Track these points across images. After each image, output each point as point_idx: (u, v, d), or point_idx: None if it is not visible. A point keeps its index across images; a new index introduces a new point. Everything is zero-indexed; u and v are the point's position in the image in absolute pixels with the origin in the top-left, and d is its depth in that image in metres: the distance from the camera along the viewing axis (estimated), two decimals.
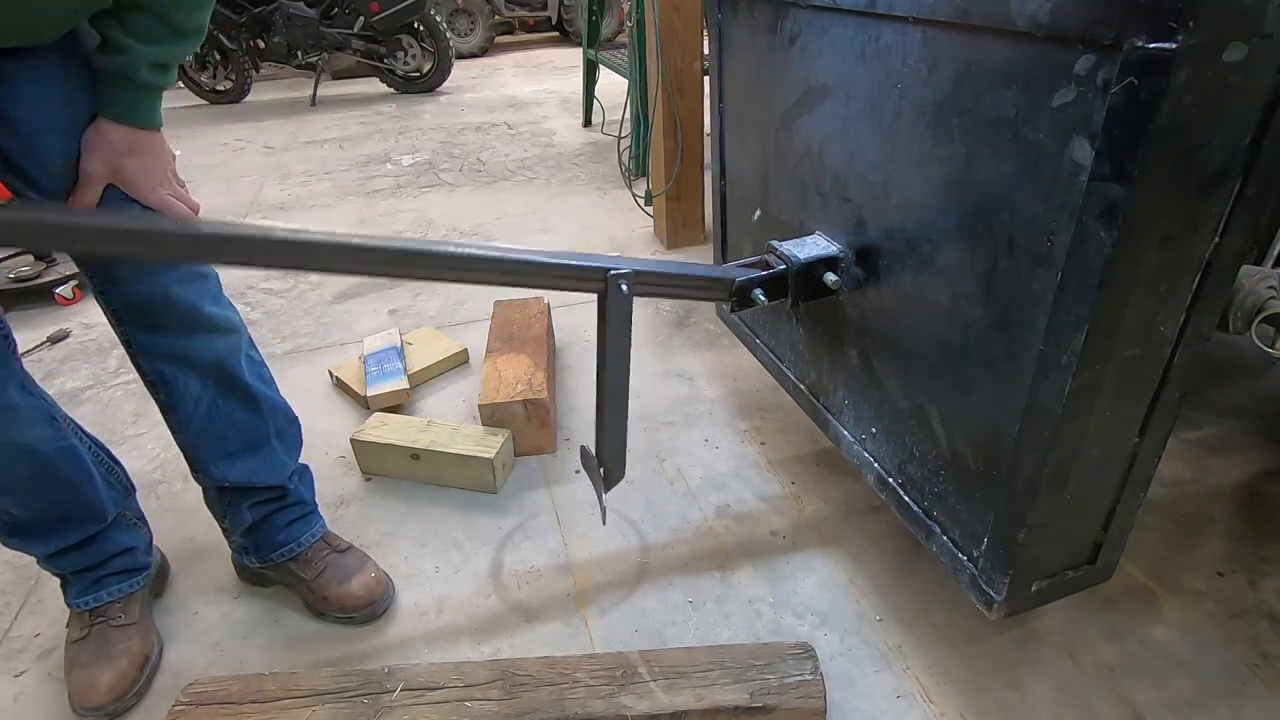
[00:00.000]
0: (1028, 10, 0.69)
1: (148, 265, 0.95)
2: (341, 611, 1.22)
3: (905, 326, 1.03)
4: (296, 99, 5.51)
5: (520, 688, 1.01)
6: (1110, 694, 1.06)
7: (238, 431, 1.13)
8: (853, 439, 1.24)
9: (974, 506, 0.96)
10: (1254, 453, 1.50)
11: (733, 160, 1.52)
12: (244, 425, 1.13)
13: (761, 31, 1.25)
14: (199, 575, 1.34)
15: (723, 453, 1.59)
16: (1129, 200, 0.64)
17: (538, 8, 7.96)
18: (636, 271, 0.98)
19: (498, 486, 1.51)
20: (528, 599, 1.27)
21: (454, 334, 2.08)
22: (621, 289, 0.96)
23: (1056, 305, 0.74)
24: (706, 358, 1.95)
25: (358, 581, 1.23)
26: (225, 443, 1.12)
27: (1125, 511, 0.93)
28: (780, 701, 0.99)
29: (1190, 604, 1.19)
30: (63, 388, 1.95)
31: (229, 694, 1.02)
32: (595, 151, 3.84)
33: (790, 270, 1.16)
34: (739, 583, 1.27)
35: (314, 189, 3.50)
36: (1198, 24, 0.56)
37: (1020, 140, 0.76)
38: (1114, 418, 0.82)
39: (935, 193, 0.91)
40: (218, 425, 1.11)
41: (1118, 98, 0.62)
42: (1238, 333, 1.11)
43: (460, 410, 1.78)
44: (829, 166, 1.14)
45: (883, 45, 0.94)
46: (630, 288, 0.97)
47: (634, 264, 0.99)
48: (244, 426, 1.13)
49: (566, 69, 6.35)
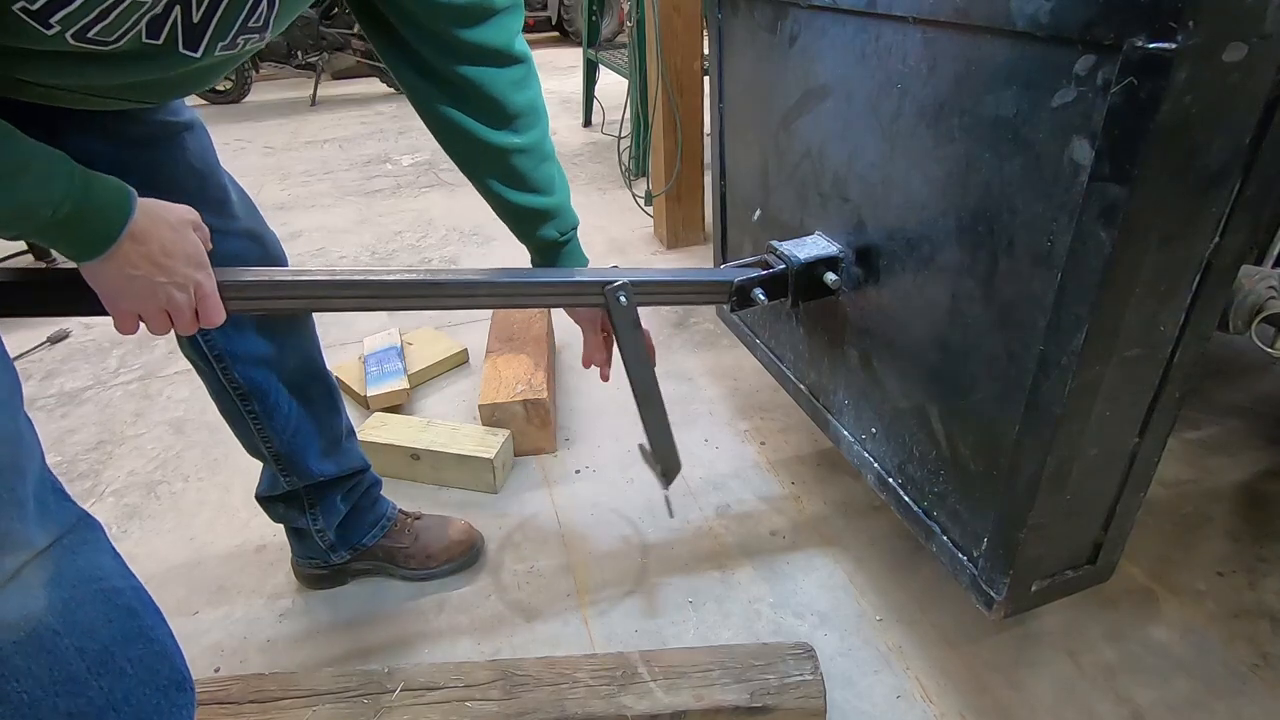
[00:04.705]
0: (1028, 10, 0.69)
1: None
2: (449, 560, 1.30)
3: (905, 326, 1.03)
4: (296, 99, 5.51)
5: (520, 688, 1.01)
6: (1110, 694, 1.06)
7: (325, 423, 1.14)
8: (853, 439, 1.24)
9: (974, 506, 0.96)
10: (1254, 453, 1.50)
11: (733, 160, 1.52)
12: (329, 415, 1.15)
13: (761, 31, 1.25)
14: (199, 575, 1.34)
15: (723, 453, 1.59)
16: (1129, 200, 0.64)
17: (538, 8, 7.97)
18: (634, 282, 0.99)
19: (498, 486, 1.51)
20: (528, 599, 1.27)
21: (454, 334, 2.08)
22: (621, 300, 0.98)
23: (1056, 305, 0.74)
24: (706, 358, 1.95)
25: (454, 530, 1.32)
26: (318, 436, 1.13)
27: (1125, 511, 0.93)
28: (780, 701, 0.99)
29: (1190, 604, 1.19)
30: (63, 388, 1.95)
31: (229, 694, 1.02)
32: (595, 151, 3.84)
33: (790, 270, 1.15)
34: (739, 583, 1.27)
35: (314, 189, 3.50)
36: (1198, 24, 0.56)
37: (1020, 140, 0.76)
38: (1114, 418, 0.82)
39: (935, 193, 0.91)
40: (310, 421, 1.12)
41: (1118, 98, 0.62)
42: (1238, 333, 1.11)
43: (460, 410, 1.78)
44: (829, 166, 1.14)
45: (883, 45, 0.94)
46: (629, 298, 0.99)
47: (631, 274, 1.00)
48: (329, 416, 1.15)
49: (566, 69, 6.34)
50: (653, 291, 1.05)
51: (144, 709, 0.73)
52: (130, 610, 0.74)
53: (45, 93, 0.69)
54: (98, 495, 1.54)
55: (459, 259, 2.64)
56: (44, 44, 0.57)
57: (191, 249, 0.75)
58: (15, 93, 0.68)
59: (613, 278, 0.97)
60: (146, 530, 1.45)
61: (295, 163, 3.93)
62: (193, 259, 0.75)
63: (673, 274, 1.11)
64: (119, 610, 0.72)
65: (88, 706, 0.69)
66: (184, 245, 0.74)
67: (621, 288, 0.97)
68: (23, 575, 0.64)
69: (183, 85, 0.78)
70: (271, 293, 0.84)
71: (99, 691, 0.69)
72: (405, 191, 3.40)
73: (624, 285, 0.98)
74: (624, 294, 0.98)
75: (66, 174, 0.63)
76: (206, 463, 1.62)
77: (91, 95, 0.72)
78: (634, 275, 1.00)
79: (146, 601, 0.76)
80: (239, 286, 0.81)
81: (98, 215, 0.66)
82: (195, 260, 0.75)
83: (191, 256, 0.74)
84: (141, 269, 0.70)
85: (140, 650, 0.73)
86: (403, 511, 1.33)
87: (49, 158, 0.62)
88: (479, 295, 0.95)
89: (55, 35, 0.56)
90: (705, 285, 1.14)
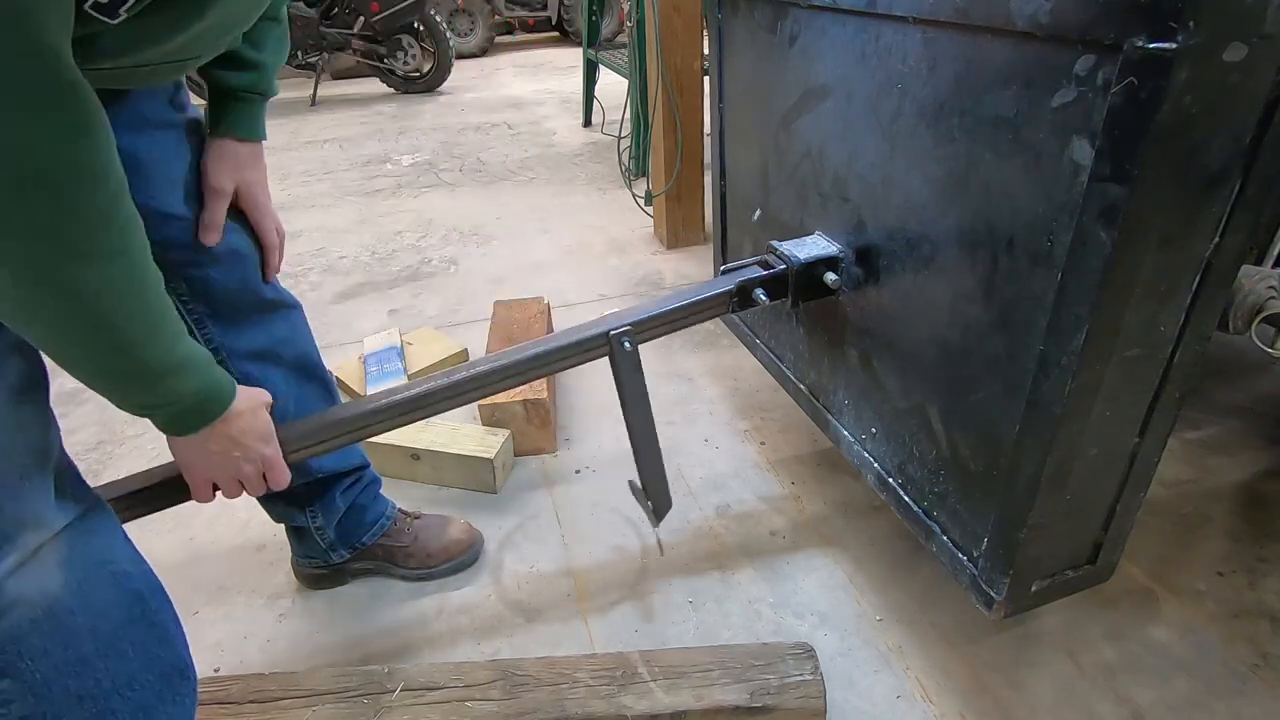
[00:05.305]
0: (1028, 10, 0.69)
1: (226, 259, 0.94)
2: (448, 560, 1.31)
3: (905, 326, 1.03)
4: (296, 99, 5.50)
5: (520, 688, 1.01)
6: (1110, 694, 1.06)
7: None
8: (853, 439, 1.24)
9: (974, 506, 0.96)
10: (1254, 453, 1.50)
11: (733, 160, 1.52)
12: (324, 409, 1.13)
13: (761, 31, 1.25)
14: (199, 575, 1.34)
15: (723, 453, 1.59)
16: (1129, 200, 0.64)
17: (538, 8, 7.96)
18: (637, 323, 1.02)
19: (498, 486, 1.51)
20: (528, 599, 1.27)
21: (454, 334, 2.08)
22: (625, 346, 1.00)
23: (1056, 305, 0.74)
24: (706, 358, 1.95)
25: (454, 530, 1.33)
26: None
27: (1125, 511, 0.93)
28: (780, 701, 0.99)
29: (1190, 604, 1.19)
30: (63, 388, 1.95)
31: (229, 694, 1.02)
32: (595, 151, 3.84)
33: (790, 270, 1.16)
34: (739, 583, 1.27)
35: (314, 189, 3.50)
36: (1198, 24, 0.56)
37: (1020, 140, 0.76)
38: (1114, 418, 0.82)
39: (935, 193, 0.91)
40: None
41: (1118, 98, 0.62)
42: (1238, 333, 1.11)
43: (460, 410, 1.77)
44: (829, 166, 1.14)
45: (883, 45, 0.94)
46: (633, 342, 1.01)
47: (631, 316, 1.03)
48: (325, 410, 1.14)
49: (566, 69, 6.35)
50: (655, 326, 1.07)
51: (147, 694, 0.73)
52: (137, 594, 0.74)
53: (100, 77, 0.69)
54: None
55: (459, 259, 2.64)
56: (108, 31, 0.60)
57: (264, 429, 0.83)
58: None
59: (613, 325, 0.99)
60: (146, 530, 1.44)
61: (295, 163, 3.93)
62: (263, 436, 0.83)
63: (671, 301, 1.10)
64: (127, 594, 0.73)
65: (95, 689, 0.69)
66: (258, 426, 0.82)
67: (624, 333, 1.00)
68: (41, 554, 0.65)
69: (223, 27, 0.76)
70: (325, 435, 0.94)
71: (105, 673, 0.70)
72: (405, 191, 3.40)
73: (626, 330, 1.01)
74: (628, 340, 1.01)
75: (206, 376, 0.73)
76: None
77: (139, 67, 0.71)
78: (634, 315, 1.02)
79: (155, 587, 0.77)
80: (297, 439, 0.91)
81: (206, 407, 0.75)
82: (265, 437, 0.83)
83: (263, 434, 0.83)
84: (220, 446, 0.79)
85: (143, 634, 0.74)
86: (402, 511, 1.33)
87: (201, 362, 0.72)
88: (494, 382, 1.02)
89: (121, 23, 0.59)
90: (705, 303, 1.13)
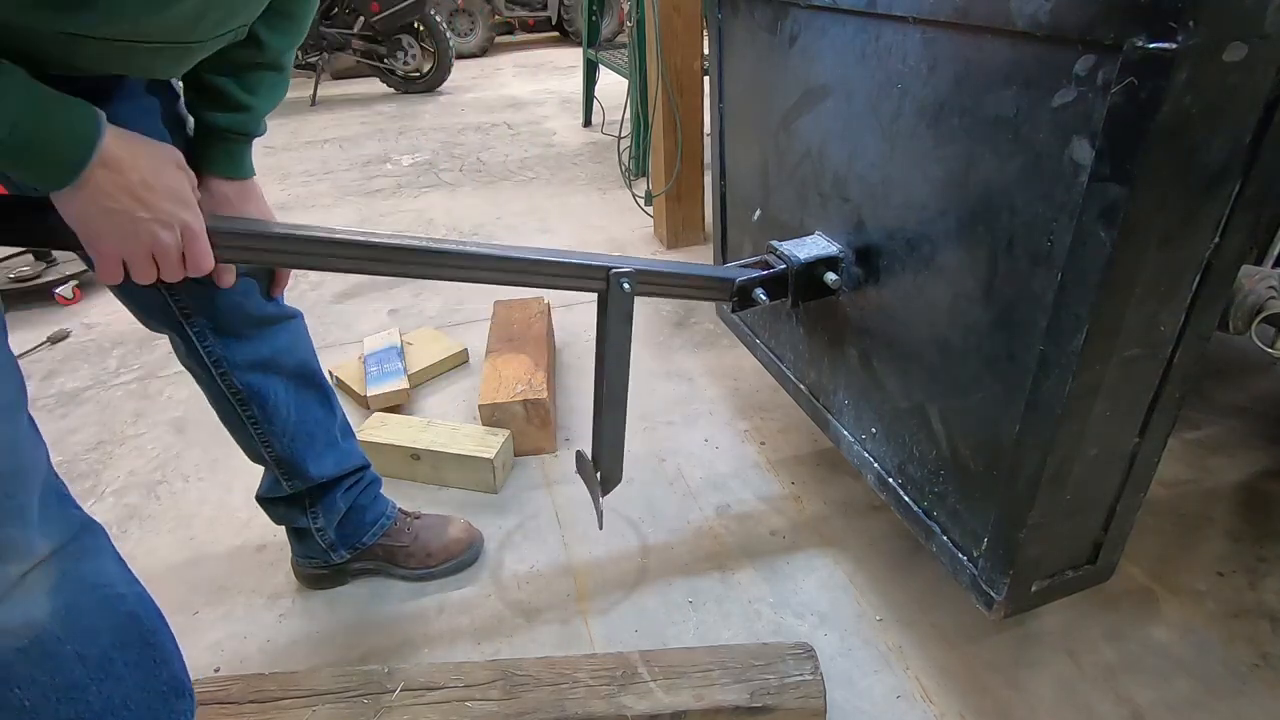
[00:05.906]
0: (1028, 10, 0.69)
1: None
2: (449, 560, 1.30)
3: (905, 326, 1.03)
4: (296, 99, 5.50)
5: (520, 688, 1.01)
6: (1110, 694, 1.06)
7: (322, 424, 1.14)
8: (853, 439, 1.24)
9: (974, 506, 0.96)
10: (1254, 453, 1.50)
11: (733, 160, 1.52)
12: (324, 416, 1.15)
13: (761, 31, 1.25)
14: (199, 575, 1.34)
15: (723, 453, 1.59)
16: (1129, 200, 0.64)
17: (538, 8, 7.96)
18: (639, 270, 0.98)
19: (498, 486, 1.51)
20: (528, 599, 1.27)
21: (454, 334, 2.08)
22: (624, 287, 0.97)
23: (1056, 305, 0.74)
24: (706, 358, 1.95)
25: (454, 529, 1.33)
26: (316, 439, 1.14)
27: (1125, 511, 0.93)
28: (780, 701, 0.99)
29: (1190, 604, 1.19)
30: (63, 388, 1.95)
31: (229, 694, 1.02)
32: (595, 151, 3.84)
33: (790, 270, 1.16)
34: (739, 583, 1.27)
35: (314, 189, 3.50)
36: (1198, 24, 0.56)
37: (1020, 140, 0.76)
38: (1114, 418, 0.82)
39: (935, 193, 0.91)
40: (308, 424, 1.12)
41: (1118, 98, 0.62)
42: (1238, 333, 1.11)
43: (460, 410, 1.78)
44: (829, 166, 1.14)
45: (883, 45, 0.94)
46: (633, 286, 0.98)
47: (636, 263, 0.99)
48: (324, 417, 1.15)
49: (566, 69, 6.34)
50: (656, 282, 1.05)
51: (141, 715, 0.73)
52: (132, 616, 0.73)
53: (98, 53, 0.64)
54: (98, 495, 1.54)
55: None
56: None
57: (176, 184, 0.68)
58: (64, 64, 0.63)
59: (618, 263, 0.97)
60: (146, 530, 1.45)
61: (295, 163, 3.93)
62: (178, 196, 0.68)
63: (677, 266, 1.10)
64: (120, 616, 0.72)
65: (86, 712, 0.68)
66: (167, 179, 0.67)
67: (626, 274, 0.97)
68: (26, 583, 0.63)
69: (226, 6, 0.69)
70: (263, 245, 0.80)
71: (97, 696, 0.69)
72: (405, 191, 3.40)
73: (629, 272, 0.97)
74: (628, 281, 0.97)
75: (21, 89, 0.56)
76: (206, 463, 1.62)
77: (138, 43, 0.65)
78: (639, 264, 0.99)
79: (149, 607, 0.76)
80: (229, 235, 0.76)
81: (61, 137, 0.59)
82: (180, 197, 0.68)
83: (176, 193, 0.68)
84: (120, 202, 0.64)
85: (138, 655, 0.73)
86: (402, 511, 1.33)
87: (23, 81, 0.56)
88: (480, 269, 0.91)
89: None
90: (708, 281, 1.15)
